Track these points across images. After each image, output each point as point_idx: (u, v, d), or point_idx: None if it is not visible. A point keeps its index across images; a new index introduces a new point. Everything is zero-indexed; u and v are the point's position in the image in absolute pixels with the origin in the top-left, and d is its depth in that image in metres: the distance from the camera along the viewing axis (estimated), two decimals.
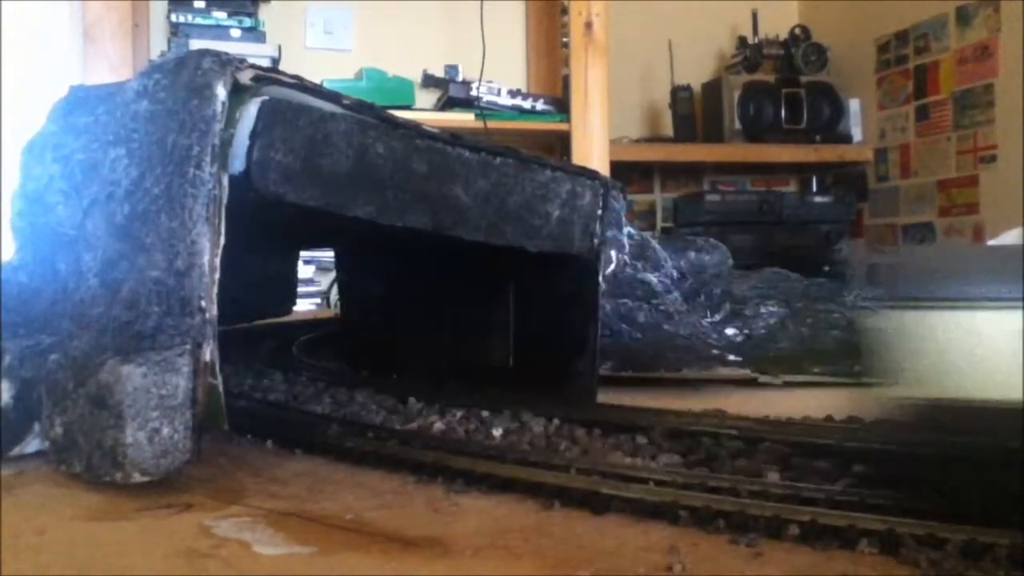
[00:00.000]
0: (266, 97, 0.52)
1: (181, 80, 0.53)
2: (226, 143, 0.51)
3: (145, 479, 0.46)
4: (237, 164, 0.51)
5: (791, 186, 2.99)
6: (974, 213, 2.47)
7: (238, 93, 0.51)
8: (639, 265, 0.83)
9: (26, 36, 1.99)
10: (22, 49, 1.98)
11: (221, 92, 0.51)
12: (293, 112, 0.54)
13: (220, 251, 0.50)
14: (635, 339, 0.80)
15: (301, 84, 0.57)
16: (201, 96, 0.51)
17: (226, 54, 0.54)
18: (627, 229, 0.85)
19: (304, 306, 1.52)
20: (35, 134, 0.58)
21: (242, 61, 0.54)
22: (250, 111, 0.52)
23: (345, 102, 0.58)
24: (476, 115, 2.09)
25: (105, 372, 0.48)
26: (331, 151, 0.56)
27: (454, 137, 0.61)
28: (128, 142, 0.54)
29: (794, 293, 0.92)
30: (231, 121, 0.51)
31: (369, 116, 0.58)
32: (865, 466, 0.47)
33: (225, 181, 0.51)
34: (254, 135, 0.51)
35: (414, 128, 0.60)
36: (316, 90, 0.58)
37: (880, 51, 2.82)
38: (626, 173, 2.36)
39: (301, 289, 1.33)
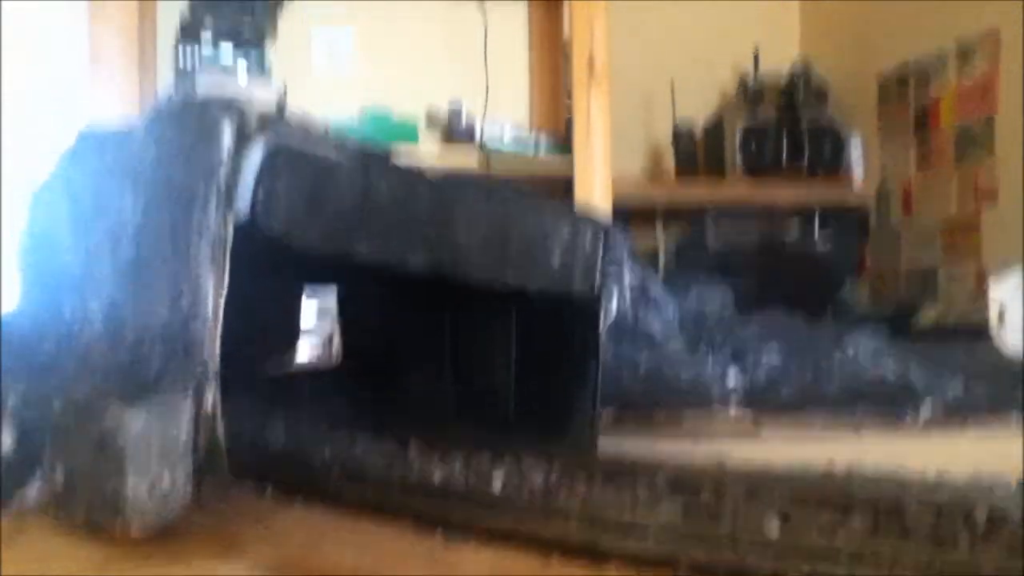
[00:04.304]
0: (271, 141, 0.53)
1: (188, 124, 0.53)
2: (231, 186, 0.51)
3: (146, 527, 0.46)
4: (242, 207, 0.52)
5: (793, 224, 3.00)
6: (976, 251, 2.48)
7: (244, 137, 0.52)
8: (640, 308, 0.84)
9: (31, 67, 2.01)
10: (28, 78, 2.01)
11: (227, 136, 0.52)
12: (297, 156, 0.54)
13: (224, 294, 0.51)
14: (636, 383, 0.80)
15: (306, 128, 0.58)
16: (207, 140, 0.52)
17: (233, 98, 0.54)
18: (628, 271, 0.85)
19: (305, 349, 1.50)
20: (44, 178, 0.59)
21: (249, 105, 0.55)
22: (255, 155, 0.52)
23: (349, 145, 0.59)
24: (480, 153, 2.10)
25: (107, 417, 0.48)
26: (335, 194, 0.56)
27: (455, 179, 0.62)
28: (135, 185, 0.55)
29: (796, 337, 0.93)
30: (237, 164, 0.52)
31: (372, 159, 0.59)
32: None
33: (230, 224, 0.51)
34: (259, 178, 0.52)
35: (416, 171, 0.60)
36: (321, 134, 0.58)
37: (881, 88, 2.84)
38: (628, 211, 2.36)
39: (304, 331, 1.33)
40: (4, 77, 1.98)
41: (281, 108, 1.93)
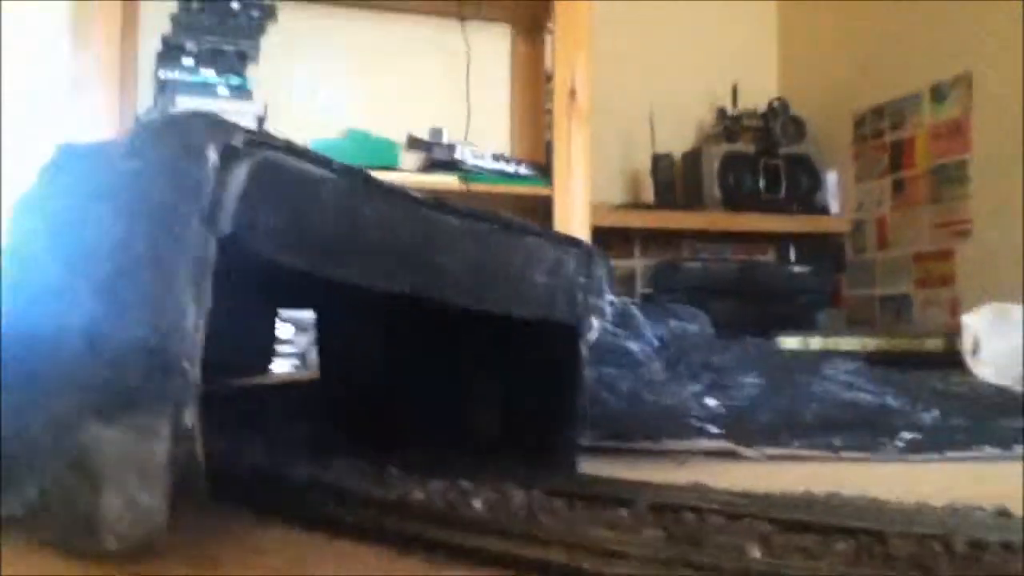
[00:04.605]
0: (256, 160, 0.52)
1: (172, 141, 0.53)
2: (215, 204, 0.51)
3: (121, 546, 0.45)
4: (225, 225, 0.51)
5: (769, 255, 3.02)
6: (950, 285, 2.51)
7: (229, 156, 0.51)
8: (621, 333, 0.84)
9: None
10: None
11: (212, 154, 0.51)
12: (282, 176, 0.54)
13: (205, 313, 0.50)
14: (617, 408, 0.80)
15: (291, 148, 0.58)
16: (192, 157, 0.51)
17: (217, 116, 0.54)
18: (609, 297, 0.85)
19: (282, 366, 1.50)
20: (24, 193, 0.58)
21: (234, 124, 0.55)
22: (240, 174, 0.52)
23: (334, 166, 0.59)
24: (460, 178, 2.11)
25: (84, 435, 0.48)
26: (318, 214, 0.56)
27: (440, 203, 0.62)
28: (114, 200, 0.54)
29: (774, 364, 0.93)
30: (221, 183, 0.51)
31: (357, 180, 0.58)
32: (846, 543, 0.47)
33: (213, 242, 0.50)
34: (243, 197, 0.51)
35: (401, 193, 0.60)
36: (305, 154, 0.58)
37: (857, 125, 2.89)
38: (607, 238, 2.38)
39: (279, 348, 1.33)
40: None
41: (262, 124, 1.92)
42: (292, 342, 1.35)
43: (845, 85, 2.91)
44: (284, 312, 1.15)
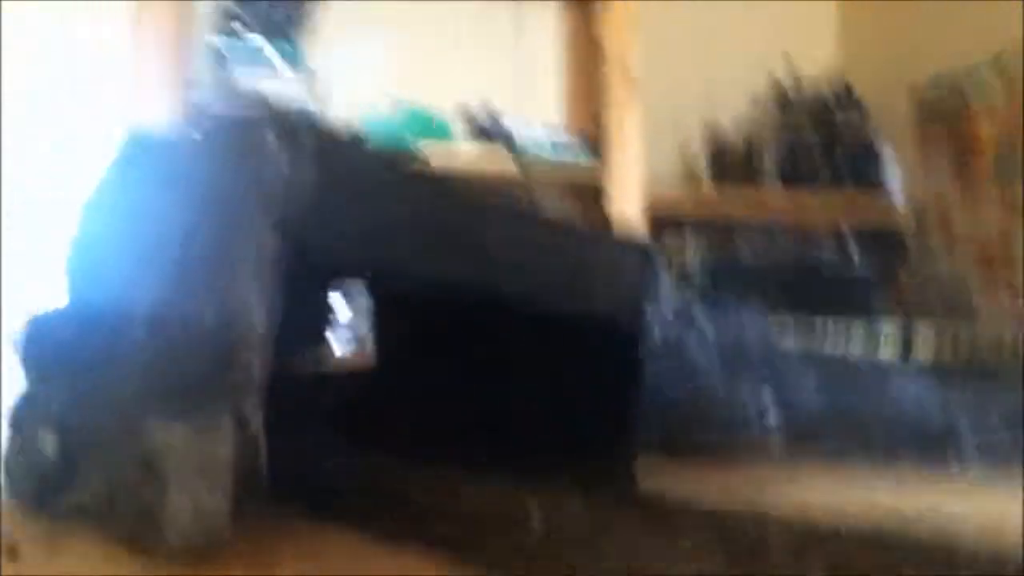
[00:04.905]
0: (321, 157, 0.53)
1: (241, 138, 0.54)
2: (282, 199, 0.51)
3: (184, 543, 0.46)
4: (291, 219, 0.52)
5: (828, 239, 2.95)
6: (1014, 269, 2.44)
7: (295, 153, 0.52)
8: (680, 334, 0.83)
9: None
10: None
11: (280, 152, 0.52)
12: (345, 171, 0.55)
13: (270, 307, 0.50)
14: (674, 413, 0.78)
15: (355, 142, 0.58)
16: (259, 155, 0.52)
17: (285, 114, 0.55)
18: (668, 296, 0.84)
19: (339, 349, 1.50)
20: (95, 186, 0.59)
21: (300, 120, 0.55)
22: (306, 169, 0.52)
23: (399, 164, 0.59)
24: (512, 155, 2.10)
25: (149, 431, 0.48)
26: (381, 210, 0.56)
27: (502, 201, 0.62)
28: (183, 193, 0.55)
29: (836, 369, 0.91)
30: (288, 178, 0.52)
31: (420, 181, 0.59)
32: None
33: (279, 237, 0.51)
34: (308, 191, 0.52)
35: (463, 192, 0.60)
36: (368, 148, 0.59)
37: (918, 107, 2.81)
38: (660, 222, 2.35)
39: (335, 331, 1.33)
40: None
41: (313, 97, 1.92)
42: (349, 325, 1.35)
43: (905, 62, 2.83)
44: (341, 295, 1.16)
